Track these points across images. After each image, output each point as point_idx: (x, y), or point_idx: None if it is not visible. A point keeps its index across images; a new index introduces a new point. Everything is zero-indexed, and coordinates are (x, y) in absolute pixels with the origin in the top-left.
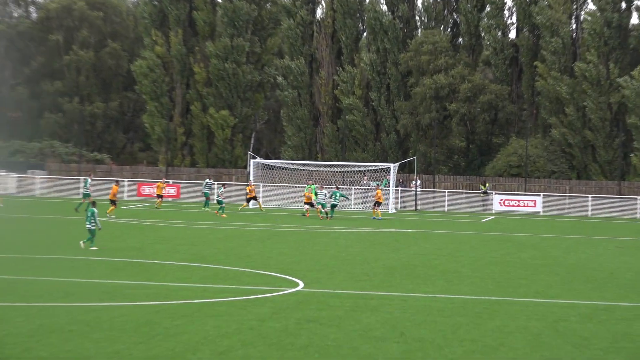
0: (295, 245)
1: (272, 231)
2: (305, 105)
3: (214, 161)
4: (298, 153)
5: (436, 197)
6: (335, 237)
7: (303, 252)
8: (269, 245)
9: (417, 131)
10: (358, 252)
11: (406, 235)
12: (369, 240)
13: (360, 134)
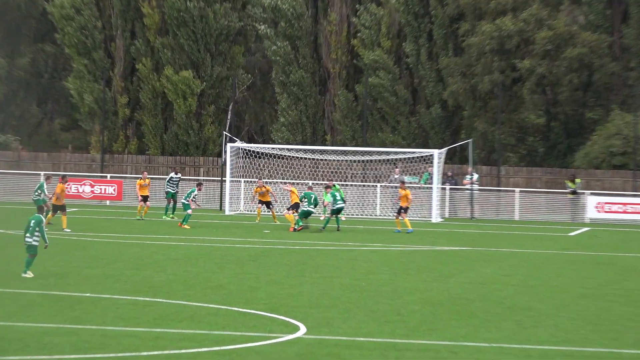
0: (293, 269)
1: (258, 249)
2: (306, 64)
3: (172, 146)
4: (296, 134)
5: (502, 199)
6: (350, 257)
7: (304, 280)
8: (254, 270)
9: (473, 101)
10: (385, 281)
11: (457, 256)
12: (401, 263)
13: (389, 106)
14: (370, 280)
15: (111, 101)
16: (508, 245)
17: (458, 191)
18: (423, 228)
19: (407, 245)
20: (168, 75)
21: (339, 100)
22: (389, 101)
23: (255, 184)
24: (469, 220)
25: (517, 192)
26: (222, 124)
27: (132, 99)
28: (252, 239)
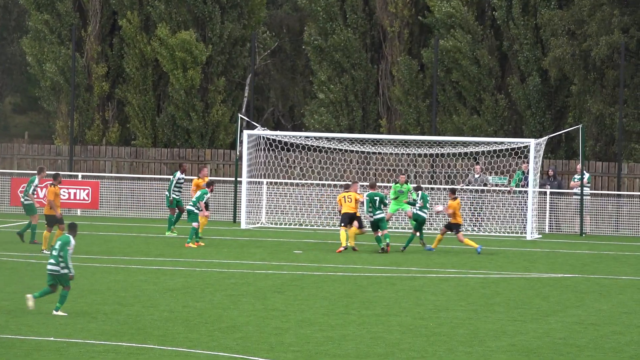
0: (334, 305)
1: (286, 277)
2: (355, 20)
3: (167, 134)
4: (340, 118)
5: (623, 208)
6: (414, 288)
7: (349, 320)
8: (280, 306)
9: (585, 72)
10: (461, 320)
11: (560, 286)
12: (483, 296)
13: (468, 78)
14: (440, 319)
15: (83, 72)
16: (631, 271)
17: (563, 197)
18: (514, 247)
19: (491, 271)
20: (162, 37)
21: (398, 70)
22: (468, 72)
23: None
24: (578, 237)
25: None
26: (236, 103)
27: (113, 68)
28: (278, 263)
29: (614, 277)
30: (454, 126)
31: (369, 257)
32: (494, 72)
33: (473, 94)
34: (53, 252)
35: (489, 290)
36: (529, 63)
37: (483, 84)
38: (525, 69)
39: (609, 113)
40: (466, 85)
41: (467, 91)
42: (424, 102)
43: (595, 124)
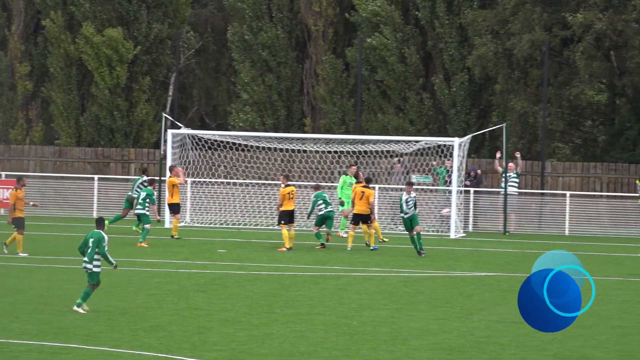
0: (258, 304)
1: (209, 276)
2: (277, 18)
3: (91, 133)
4: (265, 117)
5: (547, 207)
6: (337, 286)
7: (273, 319)
8: (203, 305)
9: (509, 71)
10: (384, 319)
11: (484, 285)
12: (407, 295)
13: (393, 77)
14: (363, 318)
15: (7, 71)
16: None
17: (485, 195)
18: (437, 246)
19: (414, 270)
20: (87, 35)
21: (323, 69)
22: (393, 70)
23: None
24: (502, 236)
25: (568, 197)
26: (160, 102)
27: (37, 67)
28: (202, 262)
29: None
30: (378, 125)
31: (293, 256)
32: (419, 71)
33: (399, 93)
34: (88, 250)
35: (412, 289)
36: (454, 62)
37: (409, 82)
38: (450, 68)
39: (533, 112)
40: (392, 84)
41: (392, 90)
42: (349, 101)
43: (518, 123)
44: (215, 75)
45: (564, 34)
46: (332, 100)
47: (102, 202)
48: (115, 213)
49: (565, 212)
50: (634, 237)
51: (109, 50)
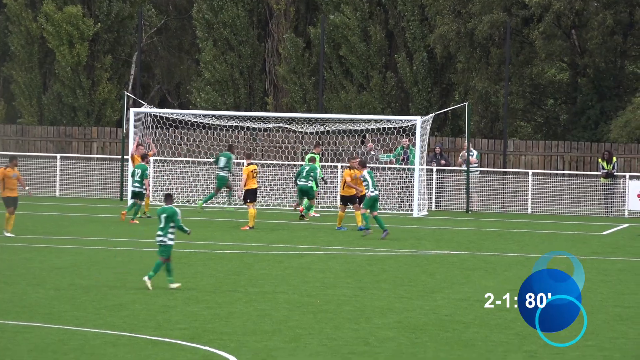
0: (221, 282)
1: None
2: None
3: (53, 112)
4: (226, 95)
5: (509, 185)
6: (301, 265)
7: (236, 297)
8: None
9: (470, 50)
10: (348, 297)
11: (446, 263)
12: (370, 273)
13: (356, 55)
14: (327, 296)
15: None
16: (516, 248)
17: (449, 173)
18: (401, 225)
19: (378, 248)
20: (47, 12)
21: (284, 48)
22: (356, 48)
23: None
24: (464, 215)
25: (531, 176)
26: (123, 81)
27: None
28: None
29: (500, 254)
30: (341, 104)
31: (256, 234)
32: (383, 49)
33: (361, 71)
34: (160, 224)
35: (375, 268)
36: (416, 40)
37: (372, 60)
38: (412, 46)
39: (494, 90)
40: (354, 61)
41: (355, 68)
42: (310, 80)
43: (480, 102)
44: (177, 53)
45: (524, 13)
46: (294, 79)
47: (64, 180)
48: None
49: (528, 191)
50: (596, 215)
51: (70, 27)
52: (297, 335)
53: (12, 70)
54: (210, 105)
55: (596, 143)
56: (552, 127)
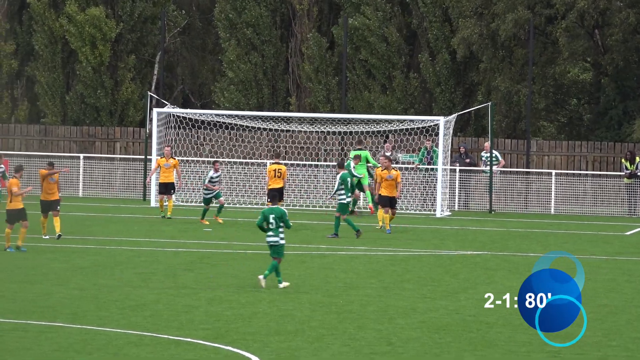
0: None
1: (196, 255)
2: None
3: (76, 112)
4: (249, 96)
5: (532, 186)
6: (323, 265)
7: (260, 298)
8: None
9: (493, 50)
10: (371, 298)
11: (470, 263)
12: (394, 274)
13: (377, 56)
14: (350, 297)
15: None
16: (540, 248)
17: (471, 174)
18: (424, 225)
19: (400, 249)
20: (70, 14)
21: (308, 48)
22: (377, 49)
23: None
24: (487, 215)
25: (554, 176)
26: (146, 81)
27: (22, 46)
28: (188, 240)
29: (523, 254)
30: (364, 104)
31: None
32: (403, 50)
33: (383, 72)
34: (271, 225)
35: (398, 268)
36: (438, 41)
37: (393, 62)
38: (435, 47)
39: (516, 90)
40: (376, 63)
41: (377, 69)
42: (334, 80)
43: (503, 102)
44: (201, 54)
45: (547, 12)
46: (317, 78)
47: (87, 180)
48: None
49: (551, 191)
50: (619, 215)
51: (92, 28)
52: (319, 336)
53: (35, 70)
54: (233, 106)
55: (619, 143)
56: (575, 127)
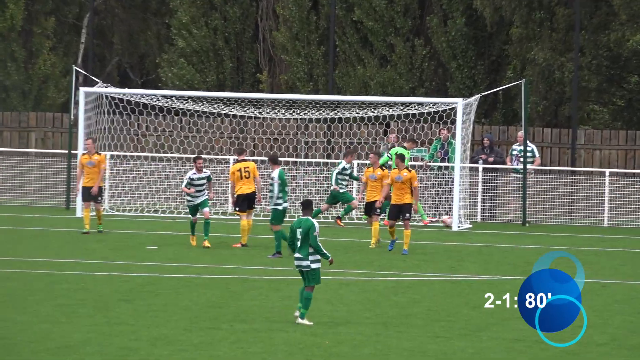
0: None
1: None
2: None
3: None
4: (207, 71)
5: (579, 190)
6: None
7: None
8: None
9: (528, 11)
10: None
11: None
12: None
13: (374, 19)
14: (340, 336)
15: None
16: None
17: (500, 175)
18: (436, 241)
19: (406, 272)
20: None
21: (284, 7)
22: (374, 11)
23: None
24: (520, 228)
25: (608, 176)
26: (70, 52)
27: None
28: (125, 262)
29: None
30: (358, 82)
31: (246, 254)
32: (409, 11)
33: (382, 39)
34: (298, 242)
35: (403, 298)
36: (453, 1)
37: (396, 24)
38: (449, 9)
39: (560, 64)
40: (373, 27)
41: (375, 35)
42: (318, 50)
43: (541, 79)
44: (143, 15)
45: None
46: (296, 48)
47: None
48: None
49: (604, 196)
50: None
51: None
52: None
53: None
54: (185, 84)
55: None
56: (636, 112)
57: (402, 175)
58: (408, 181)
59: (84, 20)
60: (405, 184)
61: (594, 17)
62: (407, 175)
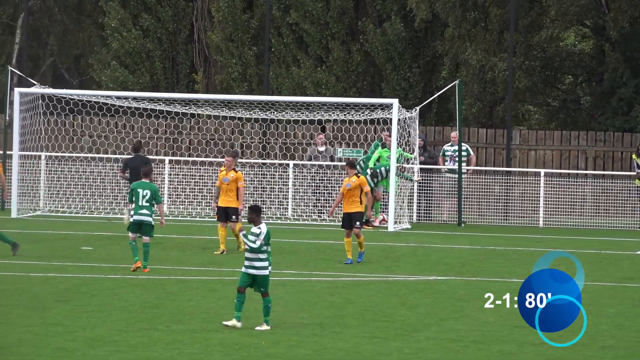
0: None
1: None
2: None
3: None
4: (140, 72)
5: (514, 190)
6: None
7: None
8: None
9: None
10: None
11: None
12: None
13: (310, 20)
14: (275, 336)
15: None
16: (525, 272)
17: (435, 175)
18: (372, 242)
19: (341, 273)
20: None
21: (219, 8)
22: (310, 12)
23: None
24: (456, 228)
25: (543, 177)
26: (4, 52)
27: None
28: (61, 263)
29: (503, 279)
30: (293, 82)
31: (181, 254)
32: (346, 13)
33: (318, 41)
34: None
35: (339, 298)
36: (387, 2)
37: (331, 28)
38: (383, 9)
39: (492, 64)
40: (309, 29)
41: (311, 37)
42: (252, 50)
43: (475, 80)
44: (77, 16)
45: None
46: (230, 49)
47: None
48: None
49: (540, 197)
50: (628, 228)
51: None
52: None
53: None
54: (119, 86)
55: (629, 134)
56: (570, 112)
57: (351, 182)
58: (358, 187)
59: (19, 20)
60: (355, 190)
61: (527, 17)
62: (356, 182)
